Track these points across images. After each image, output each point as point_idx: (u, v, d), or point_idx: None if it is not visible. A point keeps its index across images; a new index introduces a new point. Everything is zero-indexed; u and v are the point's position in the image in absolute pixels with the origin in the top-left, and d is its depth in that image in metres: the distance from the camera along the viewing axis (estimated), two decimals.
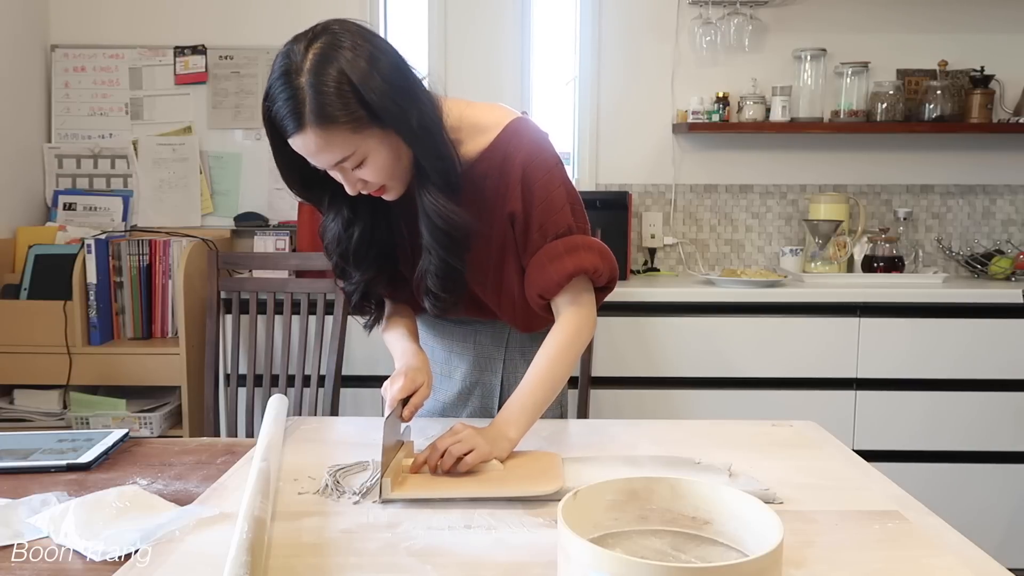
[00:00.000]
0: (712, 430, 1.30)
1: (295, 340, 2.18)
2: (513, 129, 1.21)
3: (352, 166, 1.09)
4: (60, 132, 2.84)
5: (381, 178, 1.11)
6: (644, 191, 2.92)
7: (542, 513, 0.96)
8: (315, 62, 1.03)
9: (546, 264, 1.19)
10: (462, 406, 1.38)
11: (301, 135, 1.04)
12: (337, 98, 1.02)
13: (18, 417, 2.39)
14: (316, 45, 1.04)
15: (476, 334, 1.38)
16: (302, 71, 1.03)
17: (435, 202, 1.13)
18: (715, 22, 2.82)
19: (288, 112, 1.03)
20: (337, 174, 1.12)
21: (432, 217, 1.14)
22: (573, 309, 1.21)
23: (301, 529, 0.92)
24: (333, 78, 1.02)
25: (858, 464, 1.15)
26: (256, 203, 2.87)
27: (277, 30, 2.84)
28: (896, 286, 2.48)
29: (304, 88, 1.02)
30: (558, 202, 1.20)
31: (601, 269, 1.21)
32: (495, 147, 1.20)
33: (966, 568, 0.82)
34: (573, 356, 1.20)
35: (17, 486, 1.05)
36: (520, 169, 1.19)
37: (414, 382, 1.18)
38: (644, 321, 2.42)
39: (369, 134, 1.06)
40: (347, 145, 1.06)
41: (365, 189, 1.14)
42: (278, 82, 1.05)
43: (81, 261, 2.37)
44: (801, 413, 1.55)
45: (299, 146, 1.07)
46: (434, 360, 1.41)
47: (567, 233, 1.20)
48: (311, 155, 1.07)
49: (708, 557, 0.81)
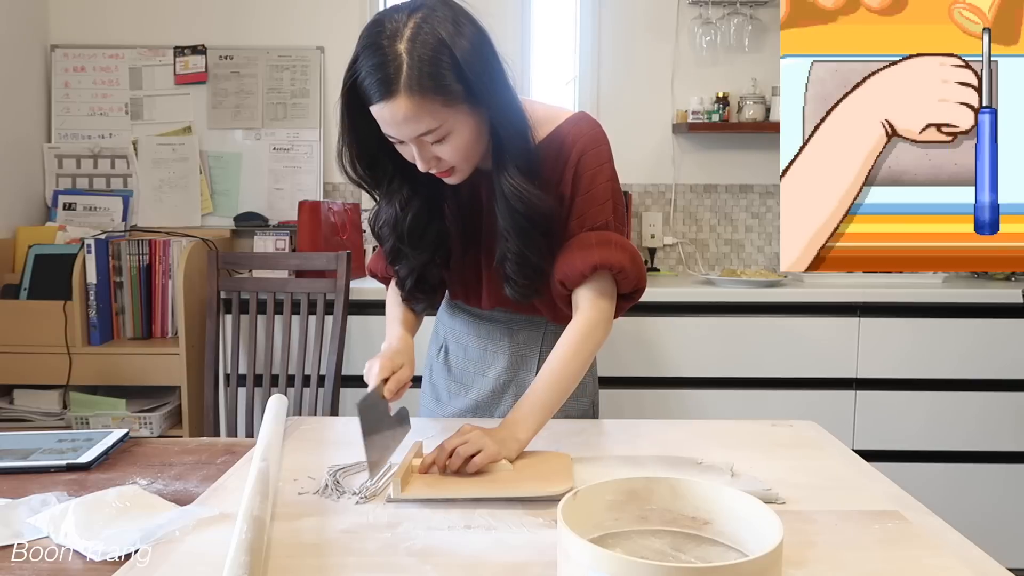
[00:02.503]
0: (712, 430, 1.30)
1: (295, 340, 2.18)
2: (575, 119, 1.22)
3: (434, 140, 1.08)
4: (60, 132, 2.84)
5: (458, 157, 1.11)
6: (644, 191, 2.92)
7: (542, 513, 0.96)
8: (415, 30, 1.02)
9: (575, 252, 1.19)
10: (495, 404, 1.38)
11: (390, 102, 1.02)
12: (436, 68, 1.01)
13: (18, 417, 2.39)
14: (418, 14, 1.03)
15: (512, 332, 1.37)
16: (401, 37, 1.01)
17: (516, 185, 1.13)
18: (715, 22, 2.82)
19: (380, 78, 1.01)
20: (412, 148, 1.09)
21: (511, 200, 1.14)
22: (590, 305, 1.20)
23: (301, 529, 0.92)
24: (434, 47, 1.01)
25: (858, 464, 1.15)
26: (256, 203, 2.87)
27: (277, 30, 2.87)
28: (896, 286, 2.48)
29: (402, 54, 1.01)
30: (602, 196, 1.20)
31: (628, 270, 1.20)
32: (555, 135, 1.21)
33: (966, 568, 0.82)
34: (586, 355, 1.19)
35: (17, 486, 1.05)
36: (577, 156, 1.19)
37: (393, 361, 1.18)
38: (644, 321, 2.42)
39: (459, 110, 1.06)
40: (436, 118, 1.04)
41: (436, 168, 1.12)
42: (370, 48, 1.03)
43: (81, 261, 2.37)
44: (801, 413, 1.55)
45: (386, 114, 1.04)
46: (469, 358, 1.40)
47: (603, 227, 1.20)
48: (396, 124, 1.05)
49: (708, 557, 0.81)
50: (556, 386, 1.17)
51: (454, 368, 1.42)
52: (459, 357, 1.42)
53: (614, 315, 1.24)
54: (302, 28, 2.81)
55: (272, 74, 2.84)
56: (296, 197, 2.77)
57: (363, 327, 2.41)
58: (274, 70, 2.84)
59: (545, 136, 1.21)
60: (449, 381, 1.43)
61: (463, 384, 1.41)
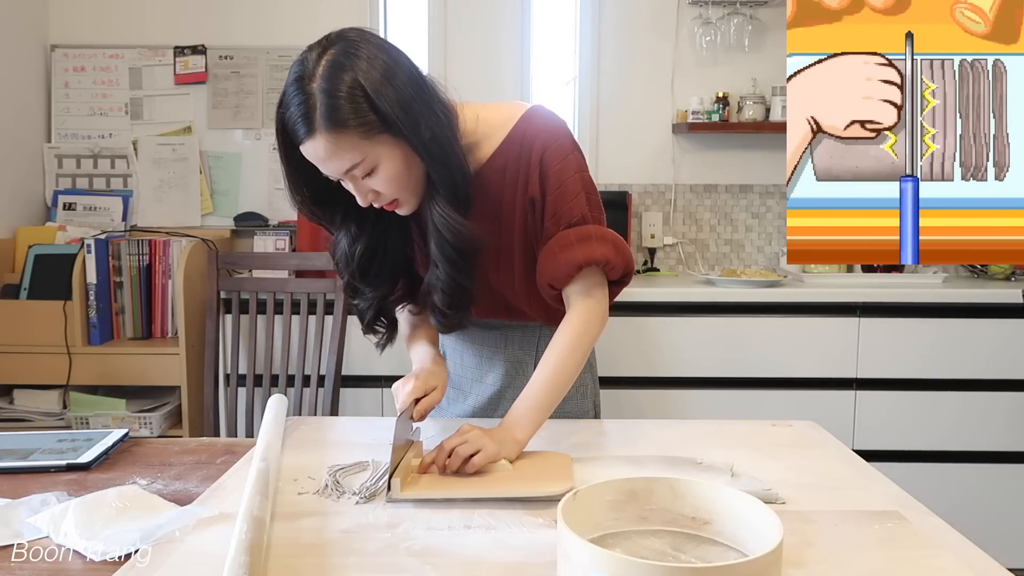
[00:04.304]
0: (712, 430, 1.30)
1: (295, 340, 2.18)
2: (528, 117, 1.20)
3: (362, 174, 1.08)
4: (60, 132, 2.85)
5: (392, 189, 1.10)
6: (644, 191, 2.92)
7: (542, 513, 0.96)
8: (328, 68, 1.03)
9: (557, 253, 1.18)
10: (493, 411, 1.37)
11: (312, 140, 1.04)
12: (348, 103, 1.02)
13: (18, 417, 2.39)
14: (330, 52, 1.04)
15: (507, 339, 1.37)
16: (315, 76, 1.03)
17: (444, 215, 1.12)
18: (715, 22, 2.82)
19: (299, 117, 1.03)
20: (348, 184, 1.11)
21: (441, 230, 1.13)
22: (582, 301, 1.19)
23: (301, 529, 0.92)
24: (346, 84, 1.02)
25: (858, 464, 1.15)
26: (256, 203, 2.87)
27: (277, 30, 2.87)
28: (896, 286, 2.48)
29: (316, 94, 1.02)
30: (572, 190, 1.19)
31: (613, 261, 1.20)
32: (511, 138, 1.20)
33: (966, 568, 0.82)
34: (582, 352, 1.19)
35: (17, 486, 1.05)
36: (539, 154, 1.18)
37: (427, 383, 1.17)
38: (644, 321, 2.42)
39: (379, 141, 1.06)
40: (356, 152, 1.05)
41: (377, 201, 1.13)
42: (291, 88, 1.05)
43: (81, 261, 2.37)
44: (801, 413, 1.55)
45: (310, 152, 1.06)
46: (465, 365, 1.40)
47: (580, 222, 1.19)
48: (321, 161, 1.06)
49: (708, 557, 0.81)
50: (553, 385, 1.17)
51: (451, 375, 1.42)
52: (456, 364, 1.41)
53: (608, 304, 1.24)
54: (302, 28, 2.81)
55: (272, 74, 2.84)
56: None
57: None
58: (274, 70, 2.84)
59: (502, 140, 1.20)
60: (447, 388, 1.42)
61: (461, 391, 1.41)
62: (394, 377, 1.25)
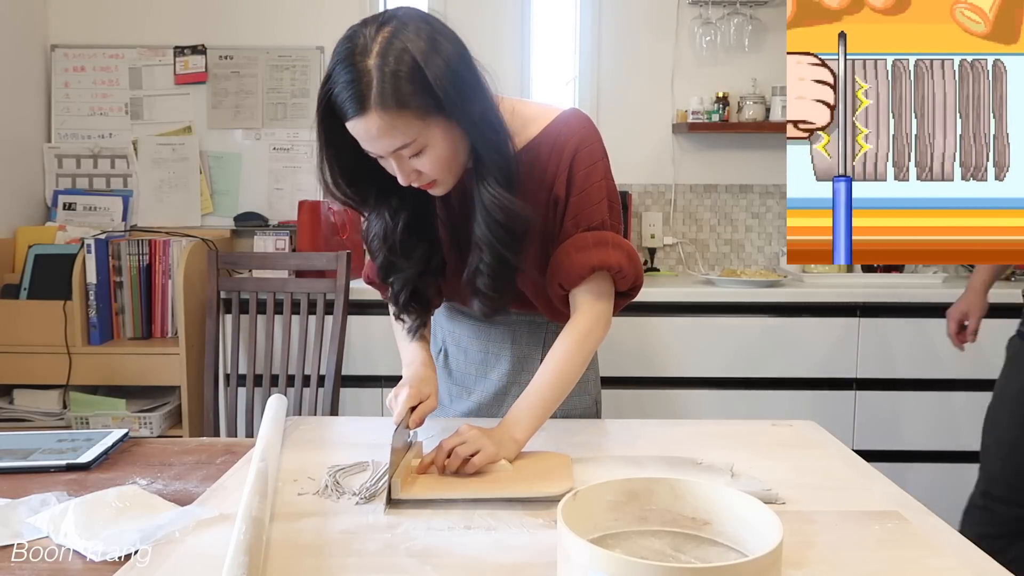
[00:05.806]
0: (712, 430, 1.30)
1: (295, 340, 2.18)
2: (565, 119, 1.21)
3: (410, 154, 1.07)
4: (60, 132, 2.84)
5: (437, 170, 1.10)
6: (644, 191, 2.92)
7: (542, 514, 0.95)
8: (385, 45, 1.01)
9: (572, 254, 1.18)
10: (498, 407, 1.37)
11: (363, 118, 1.02)
12: (407, 83, 1.00)
13: (18, 417, 2.39)
14: (386, 29, 1.02)
15: (513, 334, 1.36)
16: (370, 53, 1.01)
17: (495, 195, 1.11)
18: (715, 22, 2.82)
19: (352, 94, 1.01)
20: (391, 162, 1.09)
21: (491, 211, 1.12)
22: (589, 305, 1.20)
23: (300, 530, 0.92)
24: (404, 63, 1.00)
25: (858, 464, 1.15)
26: (256, 203, 2.87)
27: (277, 30, 2.86)
28: (896, 286, 2.48)
29: (371, 70, 1.00)
30: (596, 195, 1.20)
31: (625, 270, 1.20)
32: (545, 134, 1.20)
33: (966, 568, 0.82)
34: (584, 355, 1.19)
35: (17, 486, 1.04)
36: (570, 155, 1.18)
37: (420, 392, 1.17)
38: (644, 321, 2.42)
39: (433, 123, 1.05)
40: (410, 132, 1.04)
41: (417, 181, 1.12)
42: (342, 64, 1.02)
43: (81, 261, 2.37)
44: (801, 413, 1.55)
45: (360, 130, 1.04)
46: (470, 361, 1.40)
47: (599, 227, 1.20)
48: (371, 139, 1.04)
49: (708, 557, 0.81)
50: (554, 387, 1.17)
51: (455, 371, 1.42)
52: (459, 360, 1.41)
53: (612, 313, 1.24)
54: (302, 28, 2.81)
55: (272, 74, 2.84)
56: (296, 197, 2.77)
57: (363, 327, 2.42)
58: (274, 70, 2.84)
59: (535, 135, 1.20)
60: (450, 384, 1.42)
61: (464, 387, 1.41)
62: (394, 377, 1.24)
